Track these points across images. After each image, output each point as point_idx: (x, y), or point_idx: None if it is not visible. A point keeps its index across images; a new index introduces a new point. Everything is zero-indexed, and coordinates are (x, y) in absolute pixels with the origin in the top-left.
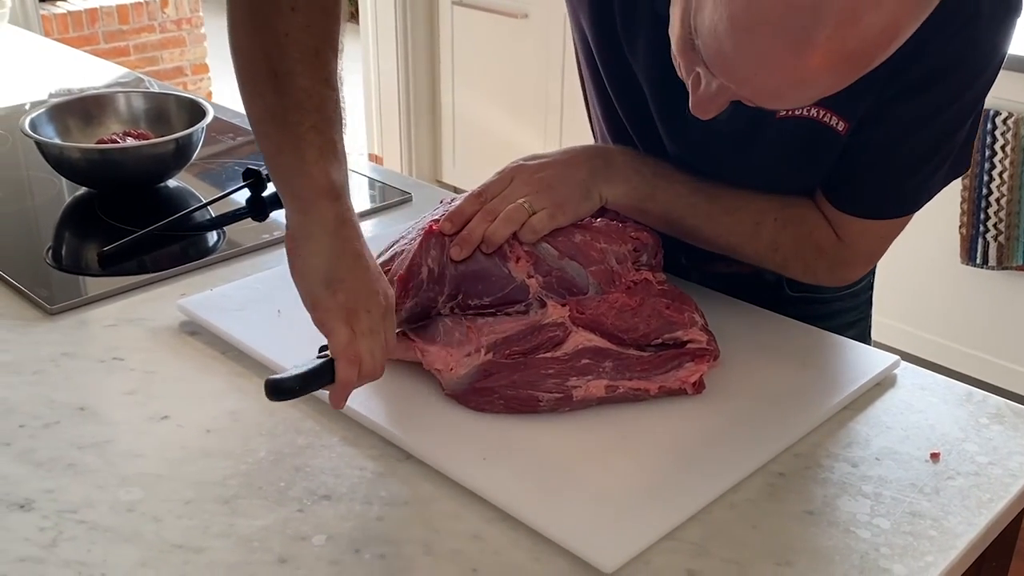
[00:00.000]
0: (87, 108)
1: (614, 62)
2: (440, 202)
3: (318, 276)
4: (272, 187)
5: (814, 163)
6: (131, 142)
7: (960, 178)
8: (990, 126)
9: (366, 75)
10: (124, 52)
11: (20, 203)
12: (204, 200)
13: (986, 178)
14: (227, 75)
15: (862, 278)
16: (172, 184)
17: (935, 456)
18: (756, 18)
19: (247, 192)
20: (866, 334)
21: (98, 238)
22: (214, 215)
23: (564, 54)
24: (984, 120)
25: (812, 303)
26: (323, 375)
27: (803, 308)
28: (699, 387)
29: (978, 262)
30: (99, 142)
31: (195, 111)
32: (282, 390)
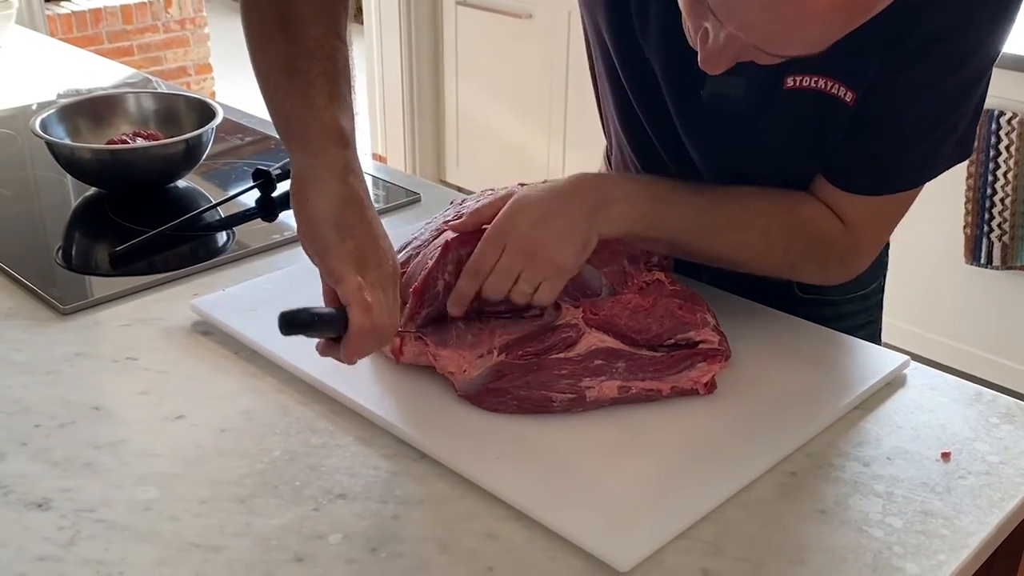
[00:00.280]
0: (97, 109)
1: (626, 46)
2: (451, 203)
3: (328, 220)
4: (282, 187)
5: (821, 138)
6: (142, 143)
7: (965, 178)
8: (994, 126)
9: (370, 75)
10: (128, 52)
11: (28, 203)
12: (213, 200)
13: (990, 178)
14: (231, 75)
15: (872, 279)
16: (181, 184)
17: (946, 455)
18: None
19: (257, 192)
20: (876, 337)
21: (108, 238)
22: (223, 215)
23: (568, 54)
24: (988, 120)
25: (822, 305)
26: (336, 321)
27: (813, 310)
28: (711, 387)
29: (982, 262)
30: (109, 143)
31: (204, 111)
32: (296, 323)
